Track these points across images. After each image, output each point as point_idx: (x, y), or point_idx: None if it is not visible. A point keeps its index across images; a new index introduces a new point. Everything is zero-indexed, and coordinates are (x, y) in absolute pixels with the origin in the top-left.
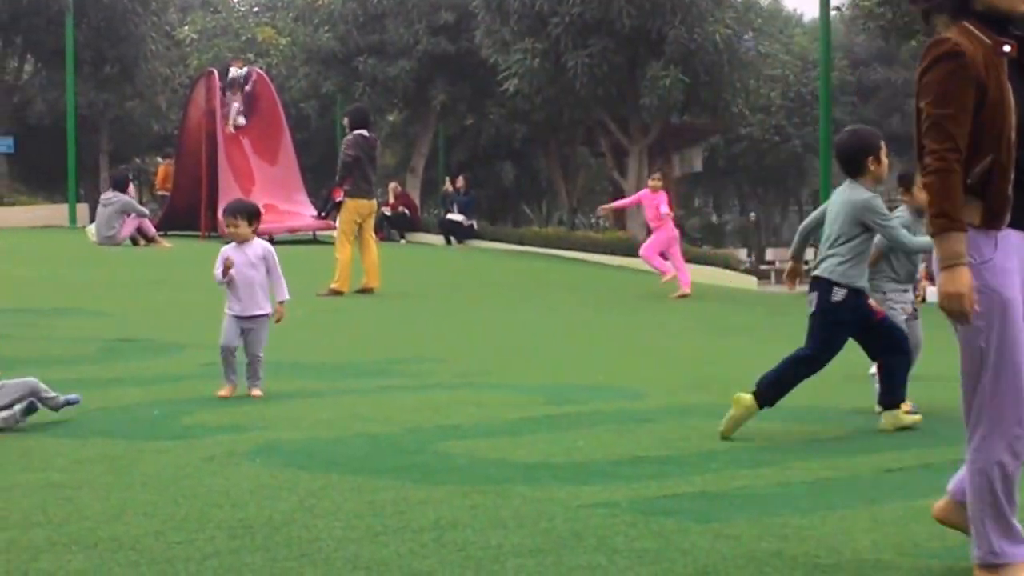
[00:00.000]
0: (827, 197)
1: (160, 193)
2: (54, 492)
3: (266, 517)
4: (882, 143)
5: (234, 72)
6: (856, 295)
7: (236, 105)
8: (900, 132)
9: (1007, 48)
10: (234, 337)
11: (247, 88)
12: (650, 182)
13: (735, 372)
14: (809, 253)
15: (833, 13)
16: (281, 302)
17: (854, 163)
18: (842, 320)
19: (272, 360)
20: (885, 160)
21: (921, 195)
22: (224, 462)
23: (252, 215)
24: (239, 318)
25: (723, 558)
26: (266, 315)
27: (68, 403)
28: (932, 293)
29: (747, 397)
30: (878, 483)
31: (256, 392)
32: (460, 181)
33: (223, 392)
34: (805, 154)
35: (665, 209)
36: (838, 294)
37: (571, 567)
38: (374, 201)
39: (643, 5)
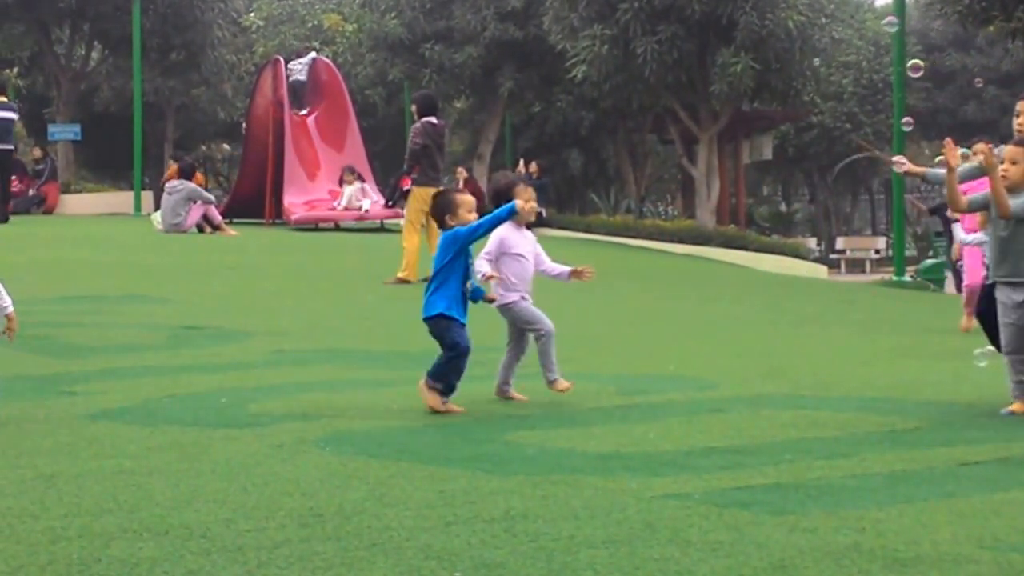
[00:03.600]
0: (900, 186)
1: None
2: (125, 479)
3: (336, 506)
4: None
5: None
6: None
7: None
8: (976, 119)
9: None
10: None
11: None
12: None
13: (807, 362)
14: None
15: None
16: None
17: None
18: None
19: (340, 348)
20: None
21: None
22: (293, 450)
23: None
24: None
25: (799, 551)
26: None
27: None
28: None
29: None
30: (956, 476)
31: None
32: (533, 166)
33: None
34: (877, 142)
35: None
36: None
37: (644, 559)
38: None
39: None
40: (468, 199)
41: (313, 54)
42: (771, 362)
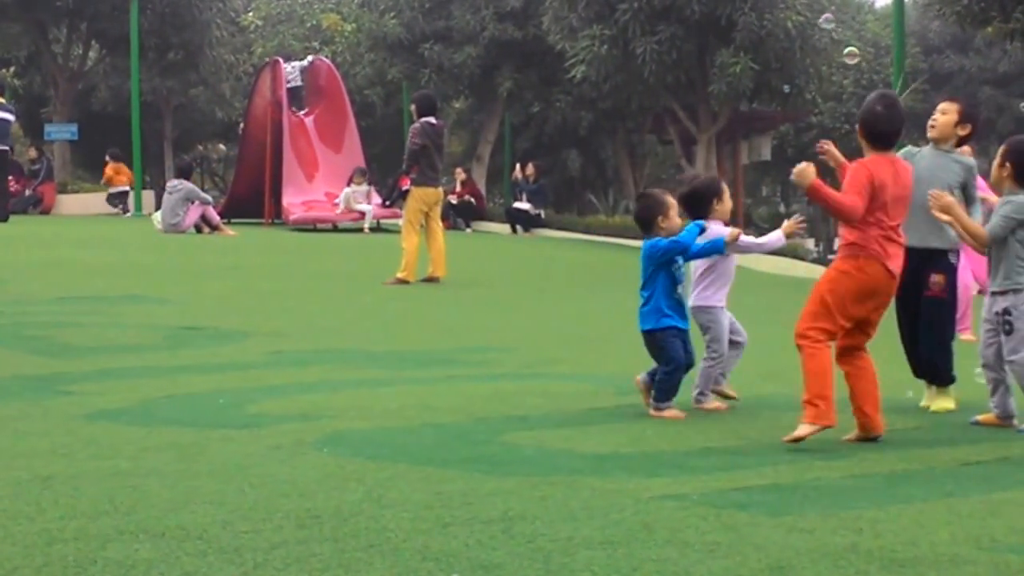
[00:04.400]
0: None
1: (112, 190)
2: (121, 480)
3: (334, 507)
4: None
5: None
6: None
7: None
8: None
9: None
10: None
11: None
12: None
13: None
14: None
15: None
16: None
17: None
18: None
19: (339, 349)
20: None
21: None
22: (291, 451)
23: None
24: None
25: (797, 552)
26: None
27: None
28: None
29: None
30: (955, 476)
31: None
32: (529, 168)
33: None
34: None
35: None
36: None
37: (642, 560)
38: (440, 189)
39: None
40: (674, 200)
41: (308, 59)
42: (769, 363)
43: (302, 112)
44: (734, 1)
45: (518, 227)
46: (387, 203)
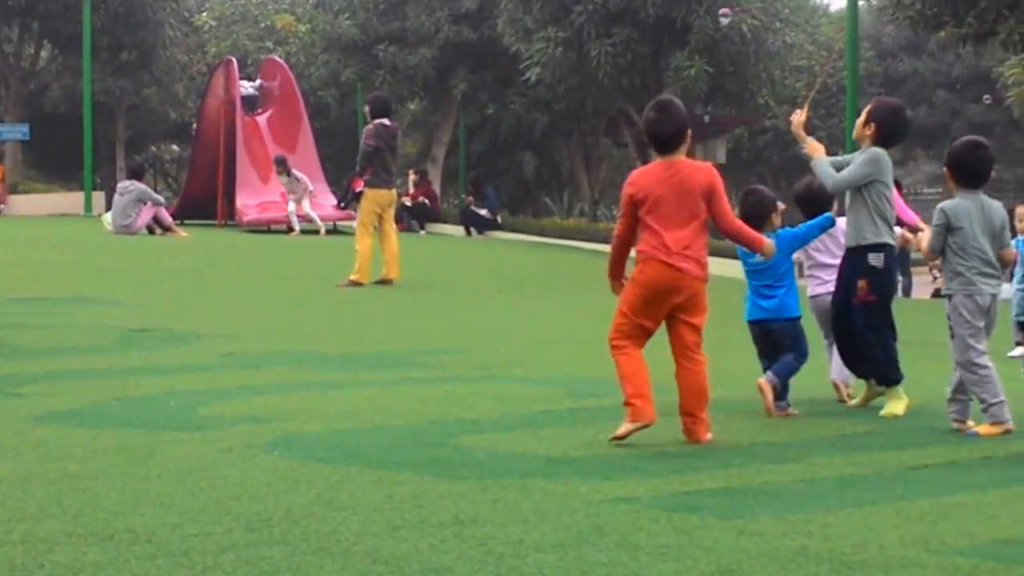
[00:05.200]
0: None
1: None
2: (70, 483)
3: (284, 510)
4: None
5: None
6: None
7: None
8: (927, 124)
9: None
10: None
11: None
12: None
13: (757, 367)
14: None
15: (860, 3)
16: None
17: None
18: None
19: (292, 351)
20: None
21: None
22: (242, 454)
23: None
24: None
25: (747, 555)
26: None
27: None
28: None
29: None
30: (904, 480)
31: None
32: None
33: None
34: (831, 145)
35: None
36: None
37: (592, 563)
38: (394, 191)
39: None
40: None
41: (259, 83)
42: (722, 366)
43: (256, 113)
44: (689, 4)
45: (472, 229)
46: (341, 205)
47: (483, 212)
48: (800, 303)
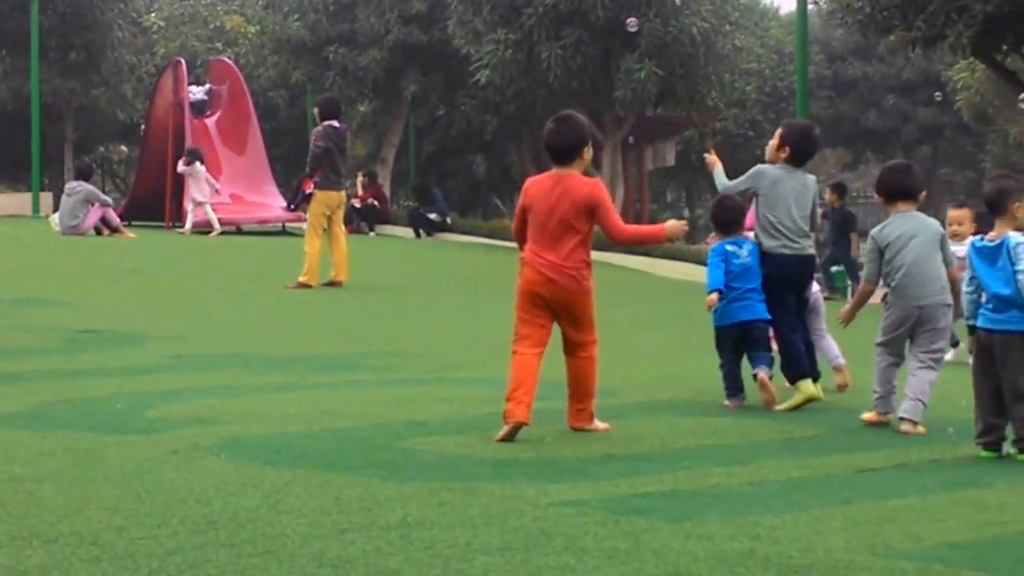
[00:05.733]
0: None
1: None
2: (15, 485)
3: (231, 513)
4: None
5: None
6: None
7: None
8: (877, 127)
9: None
10: None
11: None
12: None
13: (706, 369)
14: None
15: (810, 7)
16: None
17: None
18: None
19: (240, 353)
20: None
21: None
22: (189, 456)
23: None
24: None
25: (694, 558)
26: None
27: None
28: None
29: None
30: (852, 483)
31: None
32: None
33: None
34: None
35: None
36: None
37: (540, 566)
38: (344, 193)
39: None
40: None
41: (208, 86)
42: (673, 369)
43: (205, 115)
44: (639, 7)
45: (422, 231)
46: (291, 206)
47: (432, 215)
48: None
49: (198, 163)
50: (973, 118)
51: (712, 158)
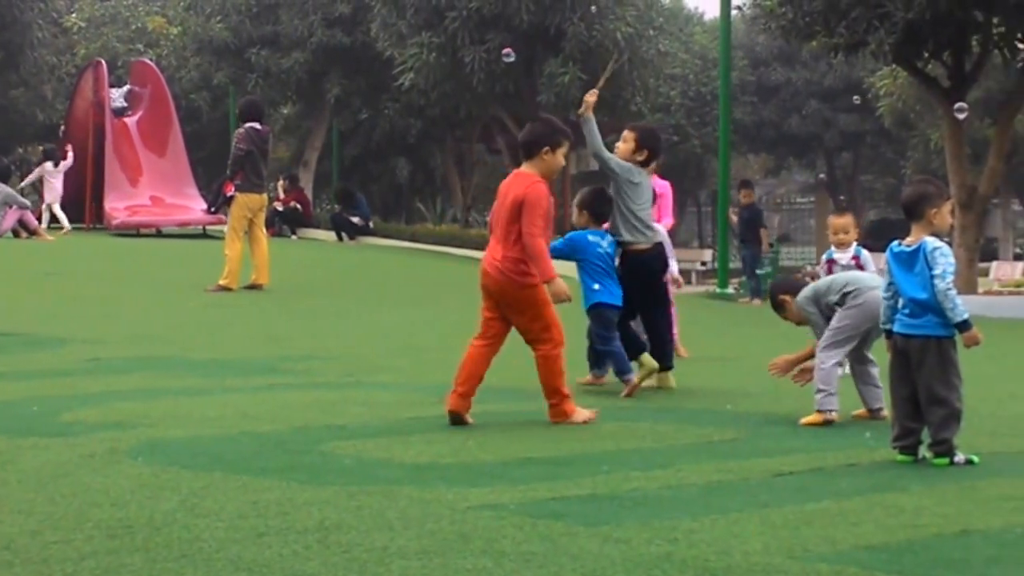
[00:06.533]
0: (725, 198)
1: None
2: None
3: (147, 517)
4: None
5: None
6: None
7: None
8: (799, 132)
9: None
10: None
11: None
12: None
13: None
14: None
15: (734, 12)
16: None
17: None
18: None
19: (159, 356)
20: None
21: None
22: (105, 460)
23: None
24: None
25: (611, 562)
26: None
27: None
28: None
29: None
30: (769, 486)
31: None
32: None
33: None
34: (704, 154)
35: None
36: None
37: (457, 570)
38: (265, 196)
39: (542, 1)
40: None
41: (127, 87)
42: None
43: (125, 115)
44: (563, 11)
45: (344, 235)
46: (212, 209)
47: (355, 219)
48: None
49: (51, 163)
50: (894, 124)
51: (591, 100)
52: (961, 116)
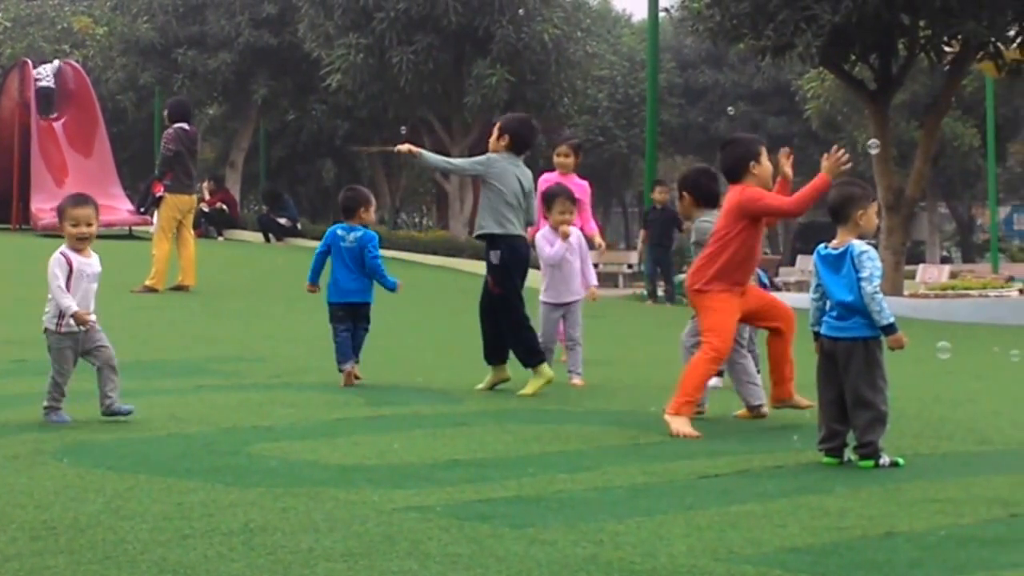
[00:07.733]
0: (650, 199)
1: None
2: None
3: (71, 518)
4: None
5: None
6: None
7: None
8: (727, 135)
9: None
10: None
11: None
12: None
13: (556, 373)
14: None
15: (662, 15)
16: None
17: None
18: None
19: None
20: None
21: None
22: (29, 461)
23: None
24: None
25: (537, 564)
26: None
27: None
28: None
29: None
30: (695, 489)
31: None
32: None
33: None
34: (631, 155)
35: None
36: None
37: (383, 572)
38: (195, 196)
39: (470, 2)
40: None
41: (57, 62)
42: (517, 376)
43: (51, 116)
44: (491, 13)
45: (271, 236)
46: (140, 210)
47: (282, 220)
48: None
49: None
50: (822, 126)
51: (408, 146)
52: (873, 152)
